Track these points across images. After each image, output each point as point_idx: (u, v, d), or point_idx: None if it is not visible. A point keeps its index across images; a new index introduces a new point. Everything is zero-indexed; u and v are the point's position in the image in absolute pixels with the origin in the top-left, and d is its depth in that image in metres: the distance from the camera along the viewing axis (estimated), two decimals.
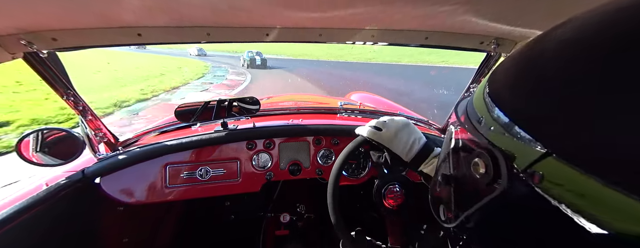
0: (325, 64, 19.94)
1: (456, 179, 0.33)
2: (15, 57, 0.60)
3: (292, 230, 1.27)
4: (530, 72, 0.24)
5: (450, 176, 0.34)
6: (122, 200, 0.85)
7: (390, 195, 0.70)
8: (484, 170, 0.26)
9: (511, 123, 0.24)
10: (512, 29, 0.67)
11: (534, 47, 0.25)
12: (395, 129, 0.62)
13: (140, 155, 0.86)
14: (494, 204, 0.26)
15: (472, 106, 0.31)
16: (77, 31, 0.59)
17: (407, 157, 0.61)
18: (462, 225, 0.31)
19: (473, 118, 0.30)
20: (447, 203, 0.35)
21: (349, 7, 0.55)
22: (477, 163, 0.27)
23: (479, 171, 0.27)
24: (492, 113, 0.27)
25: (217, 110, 0.91)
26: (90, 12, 0.51)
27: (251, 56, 15.71)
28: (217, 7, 0.52)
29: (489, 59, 0.87)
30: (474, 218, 0.29)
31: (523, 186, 0.22)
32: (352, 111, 1.25)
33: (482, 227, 0.29)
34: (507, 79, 0.27)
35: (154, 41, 0.66)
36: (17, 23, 0.51)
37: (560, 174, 0.19)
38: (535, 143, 0.21)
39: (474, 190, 0.29)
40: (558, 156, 0.19)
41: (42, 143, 0.78)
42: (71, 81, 0.72)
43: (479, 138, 0.28)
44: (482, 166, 0.26)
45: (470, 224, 0.30)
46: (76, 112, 0.76)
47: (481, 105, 0.29)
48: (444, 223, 0.36)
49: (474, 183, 0.28)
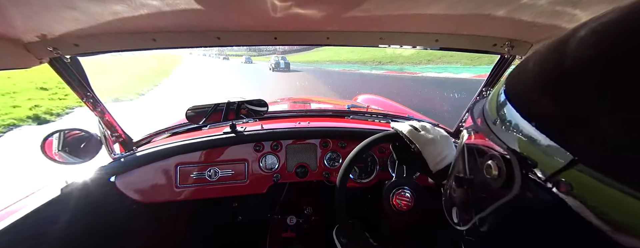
0: (343, 66, 22.38)
1: (469, 181, 0.33)
2: (42, 62, 0.65)
3: (299, 232, 1.27)
4: (558, 74, 0.22)
5: (464, 178, 0.34)
6: (136, 198, 0.88)
7: (400, 198, 0.68)
8: (497, 173, 0.26)
9: (532, 127, 0.23)
10: (528, 30, 0.64)
11: (560, 47, 0.23)
12: (434, 136, 0.62)
13: (152, 155, 0.89)
14: (506, 208, 0.26)
15: (487, 108, 0.31)
16: (96, 36, 0.62)
17: (435, 167, 0.60)
18: (475, 228, 0.31)
19: (488, 120, 0.29)
20: (460, 205, 0.35)
21: (356, 10, 0.55)
22: (490, 166, 0.27)
23: (491, 174, 0.27)
24: (509, 116, 0.26)
25: (226, 112, 0.93)
26: (108, 19, 0.53)
27: (276, 60, 17.99)
28: (226, 12, 0.53)
29: (503, 61, 0.84)
30: (487, 222, 0.29)
31: (541, 192, 0.21)
32: (360, 113, 1.24)
33: (494, 230, 0.29)
34: (529, 81, 0.26)
35: (167, 45, 0.69)
36: (44, 30, 0.55)
37: (585, 182, 0.18)
38: (561, 149, 0.20)
39: (486, 193, 0.28)
40: (587, 164, 0.18)
41: (63, 142, 0.82)
42: (90, 85, 0.76)
43: (493, 140, 0.27)
44: (495, 168, 0.26)
45: (483, 227, 0.29)
46: (95, 114, 0.80)
47: (497, 108, 0.28)
48: (457, 226, 0.35)
49: (486, 185, 0.28)
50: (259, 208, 1.33)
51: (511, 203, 0.25)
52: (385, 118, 1.25)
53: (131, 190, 0.88)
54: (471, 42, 0.75)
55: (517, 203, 0.24)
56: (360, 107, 1.50)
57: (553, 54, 0.24)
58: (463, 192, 0.34)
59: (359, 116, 1.23)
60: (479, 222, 0.30)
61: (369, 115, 1.26)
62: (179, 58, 42.03)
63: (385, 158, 1.03)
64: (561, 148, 0.20)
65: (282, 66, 17.91)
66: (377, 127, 1.10)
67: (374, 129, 1.06)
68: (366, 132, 1.03)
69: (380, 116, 1.26)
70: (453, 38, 0.74)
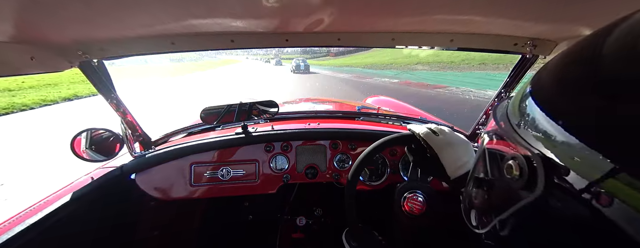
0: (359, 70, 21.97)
1: (489, 183, 0.32)
2: (72, 66, 0.70)
3: (308, 233, 1.26)
4: (600, 77, 0.20)
5: (483, 179, 0.33)
6: (154, 195, 0.93)
7: (412, 202, 0.67)
8: (518, 173, 0.25)
9: (564, 131, 0.22)
10: (552, 28, 0.61)
11: (601, 45, 0.21)
12: (452, 141, 0.59)
13: (169, 154, 0.94)
14: (527, 210, 0.25)
15: (511, 109, 0.30)
16: (119, 41, 0.67)
17: (454, 173, 0.57)
18: (494, 231, 0.30)
19: (512, 122, 0.29)
20: (479, 208, 0.34)
21: (367, 11, 0.54)
22: (511, 166, 0.26)
23: (512, 174, 0.26)
24: (535, 118, 0.25)
25: (238, 113, 0.96)
26: (131, 24, 0.57)
27: (297, 63, 19.52)
28: (239, 15, 0.55)
29: (524, 61, 0.80)
30: (506, 224, 0.28)
31: (568, 197, 0.21)
32: (370, 115, 1.23)
33: (514, 233, 0.28)
34: (562, 82, 0.24)
35: (185, 48, 0.73)
36: (75, 36, 0.60)
37: (627, 193, 0.17)
38: (599, 156, 0.19)
39: (506, 195, 0.28)
40: (632, 174, 0.17)
41: (90, 141, 0.88)
42: (115, 87, 0.82)
43: (516, 141, 0.27)
44: (516, 168, 0.25)
45: (503, 230, 0.29)
46: (118, 114, 0.85)
47: (521, 109, 0.28)
48: (475, 229, 0.34)
49: (507, 187, 0.27)
50: (269, 208, 1.35)
51: (532, 205, 0.24)
52: (397, 119, 1.23)
53: (150, 187, 0.93)
54: (489, 42, 0.72)
55: (538, 206, 0.23)
56: (371, 108, 1.49)
57: (592, 52, 0.22)
58: (482, 194, 0.33)
59: (369, 118, 1.22)
60: (498, 225, 0.29)
61: (379, 117, 1.24)
62: (238, 58, 64.42)
63: (397, 160, 1.01)
64: (599, 155, 0.18)
65: (302, 68, 19.12)
66: (388, 129, 1.08)
67: (384, 131, 1.04)
68: (376, 134, 1.01)
69: (391, 118, 1.24)
70: (470, 38, 0.71)
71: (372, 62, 25.54)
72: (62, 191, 0.75)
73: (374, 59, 27.19)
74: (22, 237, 0.59)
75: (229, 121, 0.97)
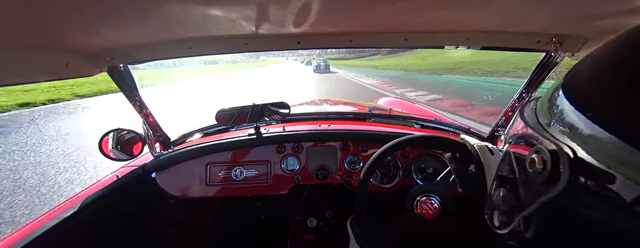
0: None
1: (512, 181, 0.31)
2: (102, 70, 0.76)
3: (319, 235, 1.26)
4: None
5: (507, 178, 0.33)
6: (173, 193, 0.98)
7: (425, 206, 0.65)
8: (541, 167, 0.25)
9: (602, 131, 0.21)
10: (580, 23, 0.57)
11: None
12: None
13: (186, 154, 0.98)
14: (550, 205, 0.24)
15: (540, 107, 0.30)
16: (143, 46, 0.72)
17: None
18: (517, 230, 0.29)
19: (541, 119, 0.28)
20: (502, 207, 0.34)
21: (378, 11, 0.54)
22: (534, 160, 0.26)
23: (535, 167, 0.26)
24: (569, 117, 0.24)
25: (251, 114, 0.99)
26: (153, 31, 0.61)
27: (318, 62, 21.40)
28: (252, 19, 0.57)
29: (548, 59, 0.76)
30: (529, 222, 0.28)
31: (595, 194, 0.20)
32: (382, 116, 1.22)
33: (537, 231, 0.27)
34: (605, 81, 0.23)
35: (201, 52, 0.76)
36: (104, 43, 0.66)
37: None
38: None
39: (529, 190, 0.28)
40: None
41: (117, 141, 0.95)
42: (139, 90, 0.87)
43: (543, 137, 0.26)
44: (540, 162, 0.25)
45: (526, 229, 0.28)
46: (141, 115, 0.91)
47: (551, 106, 0.27)
48: (498, 230, 0.34)
49: (530, 182, 0.27)
50: (281, 208, 1.36)
51: (555, 200, 0.23)
52: (409, 121, 1.20)
53: (169, 185, 0.98)
54: (509, 40, 0.69)
55: (561, 200, 0.23)
56: (383, 109, 1.47)
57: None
58: (505, 193, 0.33)
59: (380, 119, 1.20)
60: (521, 222, 0.28)
61: (391, 118, 1.22)
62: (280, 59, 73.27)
63: (409, 163, 0.98)
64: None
65: (322, 68, 20.62)
66: (400, 130, 1.07)
67: (396, 133, 1.02)
68: (388, 135, 1.00)
69: (405, 119, 1.22)
70: (487, 36, 0.69)
71: (435, 63, 17.78)
72: (90, 189, 0.81)
73: (436, 58, 19.67)
74: (57, 228, 0.65)
75: (242, 122, 1.00)
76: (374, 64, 26.83)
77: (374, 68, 23.00)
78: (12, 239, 0.59)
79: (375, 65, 25.61)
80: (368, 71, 21.47)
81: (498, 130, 1.02)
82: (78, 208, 0.71)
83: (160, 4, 0.43)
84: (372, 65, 26.45)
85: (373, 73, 18.42)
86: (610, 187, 0.19)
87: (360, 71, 21.95)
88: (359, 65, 29.32)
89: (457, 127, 1.18)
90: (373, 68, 23.17)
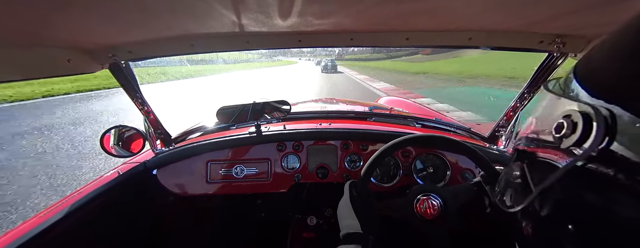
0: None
1: (533, 154, 0.29)
2: (103, 67, 0.76)
3: (318, 233, 1.27)
4: None
5: (526, 152, 0.30)
6: (173, 190, 0.98)
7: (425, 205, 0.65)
8: (570, 130, 0.23)
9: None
10: (584, 23, 0.56)
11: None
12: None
13: (188, 151, 0.98)
14: (577, 172, 0.22)
15: (559, 88, 0.28)
16: (144, 43, 0.72)
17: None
18: (534, 206, 0.27)
19: (568, 92, 0.26)
20: (518, 184, 0.31)
21: (380, 9, 0.54)
22: (561, 124, 0.24)
23: (562, 132, 0.23)
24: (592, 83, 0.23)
25: (252, 112, 0.99)
26: (155, 28, 0.61)
27: (325, 63, 22.22)
28: (253, 17, 0.57)
29: (551, 60, 0.75)
30: (550, 193, 0.25)
31: (626, 155, 0.18)
32: (383, 115, 1.21)
33: (558, 202, 0.25)
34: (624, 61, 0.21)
35: (203, 50, 0.76)
36: (106, 40, 0.66)
37: None
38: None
39: (553, 158, 0.25)
40: None
41: (119, 137, 0.95)
42: (140, 87, 0.88)
43: (570, 101, 0.24)
44: (569, 126, 0.23)
45: (545, 202, 0.26)
46: (142, 112, 0.91)
47: (569, 89, 0.25)
48: (510, 209, 0.31)
49: (555, 149, 0.25)
50: (281, 206, 1.37)
51: (587, 162, 0.21)
52: (410, 120, 1.20)
53: (169, 183, 0.98)
54: (511, 40, 0.69)
55: (591, 163, 0.21)
56: (384, 109, 1.46)
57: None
58: (522, 167, 0.30)
59: (381, 118, 1.20)
60: (538, 198, 0.26)
61: (392, 117, 1.22)
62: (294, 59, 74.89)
63: (409, 162, 0.98)
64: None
65: (329, 68, 21.51)
66: (400, 130, 1.06)
67: (397, 132, 1.02)
68: (389, 134, 1.00)
69: (406, 119, 1.22)
70: (489, 35, 0.68)
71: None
72: (91, 185, 0.82)
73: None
74: (58, 225, 0.65)
75: (243, 120, 1.00)
76: (419, 69, 17.09)
77: (422, 75, 14.26)
78: (12, 236, 0.59)
79: (423, 70, 16.18)
80: (415, 78, 13.04)
81: (499, 130, 1.02)
82: (79, 205, 0.72)
83: (162, 1, 0.43)
84: (416, 70, 16.74)
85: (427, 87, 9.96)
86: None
87: (396, 78, 13.61)
88: (392, 69, 20.69)
89: (458, 127, 1.17)
90: (419, 74, 14.47)
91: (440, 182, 0.96)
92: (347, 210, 0.60)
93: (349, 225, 0.56)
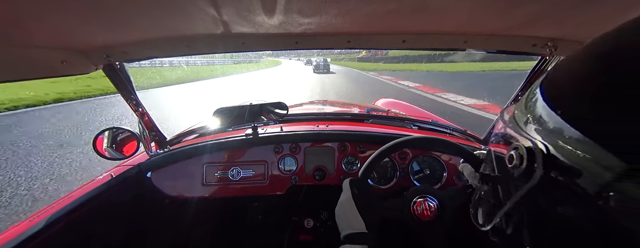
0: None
1: (494, 179, 0.33)
2: (97, 68, 0.75)
3: (316, 236, 1.26)
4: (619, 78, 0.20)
5: (489, 176, 0.35)
6: (168, 193, 0.96)
7: (422, 207, 0.65)
8: (518, 162, 0.26)
9: (575, 131, 0.21)
10: (576, 28, 0.58)
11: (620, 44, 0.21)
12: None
13: (183, 154, 0.97)
14: (528, 198, 0.26)
15: (518, 109, 0.31)
16: (139, 44, 0.71)
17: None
18: (499, 226, 0.31)
19: (518, 119, 0.30)
20: (486, 205, 0.35)
21: (377, 12, 0.54)
22: (512, 156, 0.27)
23: (513, 163, 0.27)
24: (545, 117, 0.25)
25: (248, 114, 0.98)
26: (150, 28, 0.61)
27: (317, 62, 22.30)
28: (249, 18, 0.57)
29: (544, 63, 0.77)
30: (510, 217, 0.29)
31: (566, 184, 0.21)
32: (380, 117, 1.22)
33: (517, 224, 0.29)
34: (575, 85, 0.24)
35: (199, 51, 0.76)
36: (100, 41, 0.65)
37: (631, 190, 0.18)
38: (609, 155, 0.18)
39: (508, 186, 0.29)
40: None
41: (112, 140, 0.94)
42: (134, 88, 0.87)
43: (521, 135, 0.28)
44: (517, 157, 0.27)
45: (508, 224, 0.30)
46: (136, 114, 0.90)
47: (528, 107, 0.29)
48: (482, 227, 0.35)
49: (509, 178, 0.29)
50: (278, 209, 1.35)
51: (532, 193, 0.25)
52: (407, 122, 1.21)
53: (164, 185, 0.97)
54: (506, 43, 0.70)
55: (538, 193, 0.24)
56: (381, 111, 1.47)
57: (611, 56, 0.22)
58: (488, 189, 0.35)
59: (378, 120, 1.21)
60: (503, 218, 0.30)
61: (389, 119, 1.23)
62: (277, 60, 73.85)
63: (406, 164, 0.99)
64: (609, 155, 0.18)
65: (321, 68, 21.53)
66: (397, 132, 1.07)
67: (394, 134, 1.03)
68: (386, 136, 1.00)
69: (403, 121, 1.22)
70: (484, 39, 0.69)
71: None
72: (84, 188, 0.80)
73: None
74: (50, 228, 0.63)
75: (239, 123, 1.00)
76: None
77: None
78: (1, 240, 0.58)
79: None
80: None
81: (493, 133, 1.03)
82: (72, 207, 0.70)
83: (157, 2, 0.43)
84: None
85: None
86: (577, 181, 0.20)
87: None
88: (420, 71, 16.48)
89: (454, 129, 1.19)
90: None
91: (437, 184, 0.97)
92: (349, 208, 0.58)
93: (351, 224, 0.54)
